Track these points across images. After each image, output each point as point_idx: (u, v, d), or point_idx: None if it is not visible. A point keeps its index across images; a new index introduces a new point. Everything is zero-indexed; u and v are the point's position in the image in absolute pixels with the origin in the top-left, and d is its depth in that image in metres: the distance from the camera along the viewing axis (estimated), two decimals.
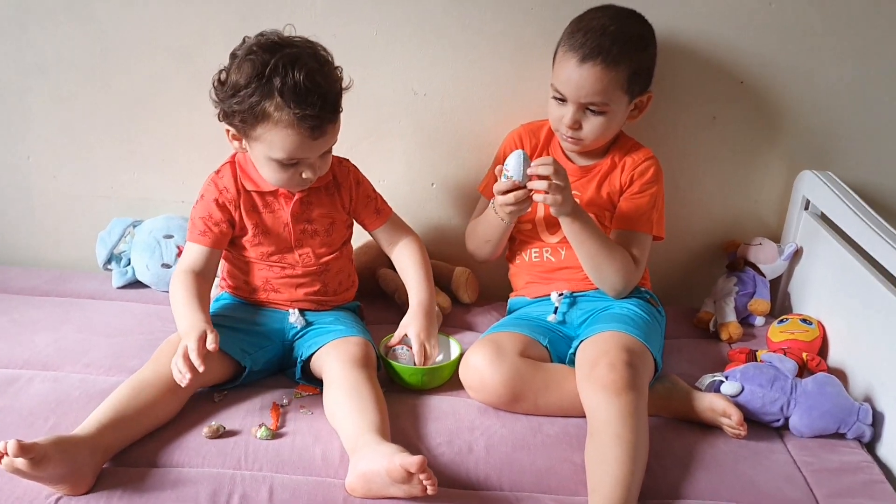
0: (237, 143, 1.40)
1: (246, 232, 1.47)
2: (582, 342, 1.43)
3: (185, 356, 1.24)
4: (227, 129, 1.39)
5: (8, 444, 1.05)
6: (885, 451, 1.35)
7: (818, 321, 1.61)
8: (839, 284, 1.57)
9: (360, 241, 1.71)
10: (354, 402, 1.30)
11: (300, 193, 1.46)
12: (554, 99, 1.53)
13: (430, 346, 1.46)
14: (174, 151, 1.79)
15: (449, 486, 1.22)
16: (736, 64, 1.70)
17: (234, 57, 1.35)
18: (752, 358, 1.52)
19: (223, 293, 1.57)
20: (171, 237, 1.76)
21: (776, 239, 1.81)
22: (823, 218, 1.69)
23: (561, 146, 1.61)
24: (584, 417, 1.34)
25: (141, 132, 1.77)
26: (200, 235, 1.45)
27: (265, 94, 1.28)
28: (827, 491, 1.26)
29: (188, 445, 1.26)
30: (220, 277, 1.58)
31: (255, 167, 1.44)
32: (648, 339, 1.42)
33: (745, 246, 1.80)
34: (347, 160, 1.56)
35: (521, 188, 1.41)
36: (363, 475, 1.16)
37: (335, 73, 1.36)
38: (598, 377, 1.30)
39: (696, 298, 1.82)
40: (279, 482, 1.20)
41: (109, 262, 1.79)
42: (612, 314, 1.49)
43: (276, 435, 1.30)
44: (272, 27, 1.36)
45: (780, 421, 1.39)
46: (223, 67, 1.36)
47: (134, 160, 1.80)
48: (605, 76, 1.45)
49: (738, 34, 1.67)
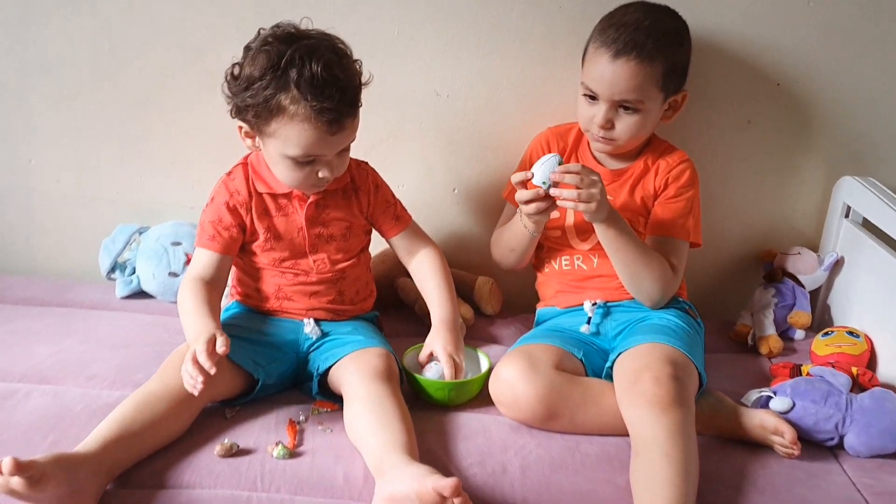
0: (250, 140, 1.34)
1: (257, 237, 1.40)
2: (620, 354, 1.34)
3: (194, 360, 1.17)
4: (239, 125, 1.33)
5: (3, 461, 0.98)
6: None
7: (864, 334, 1.52)
8: (888, 294, 1.49)
9: (376, 249, 1.63)
10: (378, 418, 1.21)
11: (315, 196, 1.39)
12: (584, 97, 1.46)
13: (458, 358, 1.38)
14: (184, 153, 1.72)
15: None
16: (772, 65, 1.64)
17: (248, 49, 1.30)
18: (797, 373, 1.43)
19: (233, 302, 1.50)
20: (179, 244, 1.68)
21: (813, 248, 1.73)
22: (866, 225, 1.62)
23: (591, 149, 1.54)
24: (623, 436, 1.27)
25: (149, 133, 1.71)
26: (210, 241, 1.38)
27: (280, 86, 1.23)
28: None
29: (199, 465, 1.18)
30: (230, 286, 1.49)
31: (268, 168, 1.38)
32: (692, 351, 1.33)
33: (782, 256, 1.72)
34: (366, 163, 1.49)
35: (545, 196, 1.33)
36: (391, 499, 1.08)
37: (354, 66, 1.31)
38: (642, 392, 1.21)
39: (730, 311, 1.74)
40: None
41: (113, 270, 1.71)
42: (651, 325, 1.40)
43: (293, 454, 1.21)
44: (288, 21, 1.30)
45: (834, 440, 1.30)
46: (236, 61, 1.30)
47: (141, 163, 1.73)
48: (640, 71, 1.38)
49: (774, 33, 1.62)
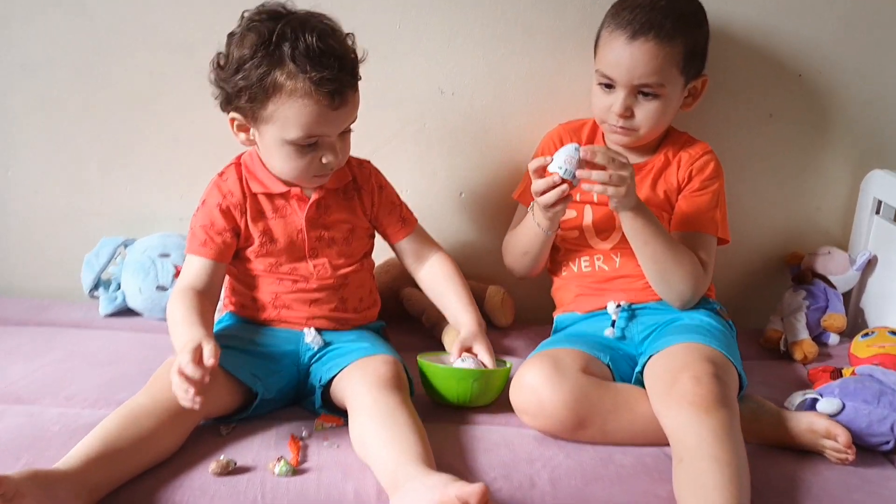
0: (244, 134, 1.25)
1: (252, 241, 1.30)
2: (651, 357, 1.23)
3: (180, 372, 1.06)
4: (231, 118, 1.23)
5: None
6: None
7: None
8: None
9: (379, 259, 1.52)
10: (389, 429, 1.10)
11: (317, 194, 1.29)
12: (600, 87, 1.38)
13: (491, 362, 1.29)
14: (173, 161, 1.61)
15: None
16: (794, 55, 1.57)
17: (232, 35, 1.22)
18: (838, 376, 1.32)
19: (226, 313, 1.37)
20: (167, 256, 1.57)
21: (842, 248, 1.64)
22: None
23: (606, 144, 1.45)
24: (658, 446, 1.16)
25: (136, 139, 1.60)
26: (201, 246, 1.27)
27: (275, 62, 1.15)
28: None
29: (192, 485, 1.05)
30: (222, 297, 1.37)
31: (263, 166, 1.29)
32: (730, 351, 1.23)
33: (810, 257, 1.62)
34: (368, 162, 1.40)
35: (562, 184, 1.23)
36: None
37: (347, 40, 1.23)
38: (681, 393, 1.10)
39: (757, 318, 1.64)
40: None
41: (97, 287, 1.59)
42: (682, 325, 1.30)
43: (297, 471, 1.09)
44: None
45: (889, 443, 1.19)
46: (220, 51, 1.22)
47: (127, 171, 1.62)
48: (659, 52, 1.31)
49: (795, 22, 1.55)
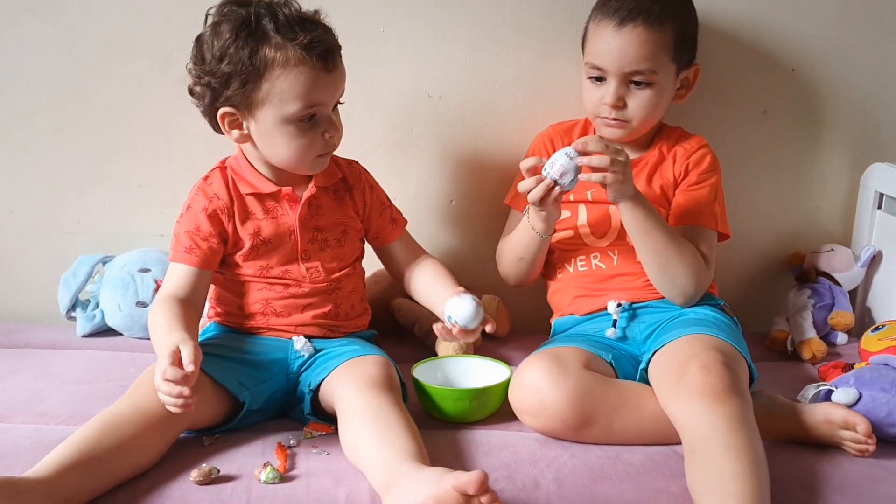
0: (237, 131, 1.20)
1: (241, 245, 1.24)
2: (656, 352, 1.17)
3: (164, 378, 1.00)
4: (223, 114, 1.18)
5: None
6: None
7: None
8: None
9: (367, 271, 1.46)
10: (381, 431, 1.04)
11: (308, 193, 1.24)
12: (590, 80, 1.35)
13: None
14: (153, 175, 1.56)
15: None
16: (786, 50, 1.55)
17: (201, 37, 1.19)
18: (850, 370, 1.27)
19: (211, 323, 1.31)
20: (147, 271, 1.50)
21: (844, 245, 1.59)
22: None
23: None
24: (667, 445, 1.10)
25: (114, 152, 1.55)
26: (186, 253, 1.22)
27: (259, 38, 1.14)
28: None
29: (172, 495, 0.99)
30: (206, 308, 1.31)
31: (251, 167, 1.25)
32: (738, 343, 1.18)
33: (813, 255, 1.58)
34: (357, 161, 1.36)
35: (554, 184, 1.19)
36: None
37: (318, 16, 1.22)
38: (691, 384, 1.05)
39: (760, 320, 1.58)
40: None
41: (74, 308, 1.52)
42: (687, 320, 1.25)
43: (285, 478, 1.02)
44: None
45: None
46: (192, 53, 1.19)
47: (105, 187, 1.56)
48: (649, 38, 1.29)
49: (786, 16, 1.54)
